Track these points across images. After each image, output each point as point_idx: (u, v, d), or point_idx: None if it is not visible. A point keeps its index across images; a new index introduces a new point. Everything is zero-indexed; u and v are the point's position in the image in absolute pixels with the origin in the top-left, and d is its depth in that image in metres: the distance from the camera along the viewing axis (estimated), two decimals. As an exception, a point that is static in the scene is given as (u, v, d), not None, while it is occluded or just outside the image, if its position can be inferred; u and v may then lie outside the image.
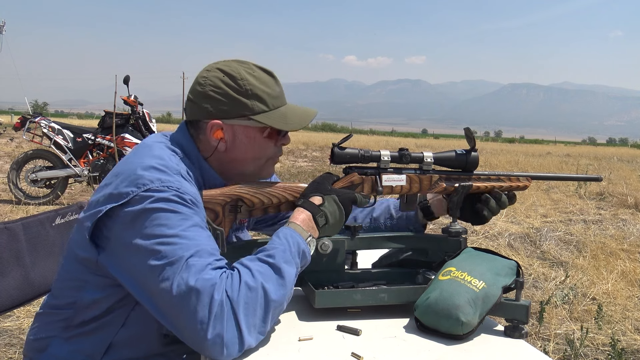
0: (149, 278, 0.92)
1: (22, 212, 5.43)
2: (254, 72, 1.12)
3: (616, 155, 22.79)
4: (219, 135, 1.10)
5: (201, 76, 1.12)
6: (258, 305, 0.90)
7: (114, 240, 0.98)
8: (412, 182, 1.20)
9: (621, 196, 7.91)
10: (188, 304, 0.88)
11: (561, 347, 2.76)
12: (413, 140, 34.84)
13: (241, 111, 1.09)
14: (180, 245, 0.92)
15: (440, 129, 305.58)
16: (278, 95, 1.14)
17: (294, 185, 1.16)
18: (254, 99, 1.10)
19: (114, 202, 0.96)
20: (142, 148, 1.08)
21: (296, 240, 1.01)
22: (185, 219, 0.95)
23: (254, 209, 1.13)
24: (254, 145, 1.13)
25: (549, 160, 16.15)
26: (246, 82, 1.09)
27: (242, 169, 1.15)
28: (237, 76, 1.09)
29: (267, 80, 1.13)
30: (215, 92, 1.09)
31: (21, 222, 1.29)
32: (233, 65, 1.11)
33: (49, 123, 6.16)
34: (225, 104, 1.09)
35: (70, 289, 1.05)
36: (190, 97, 1.12)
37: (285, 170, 10.87)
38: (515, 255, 4.58)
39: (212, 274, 0.90)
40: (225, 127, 1.10)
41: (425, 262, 1.25)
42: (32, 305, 2.86)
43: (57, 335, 1.05)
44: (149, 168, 0.99)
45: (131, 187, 0.96)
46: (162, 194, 0.95)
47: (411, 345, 0.96)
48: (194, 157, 1.11)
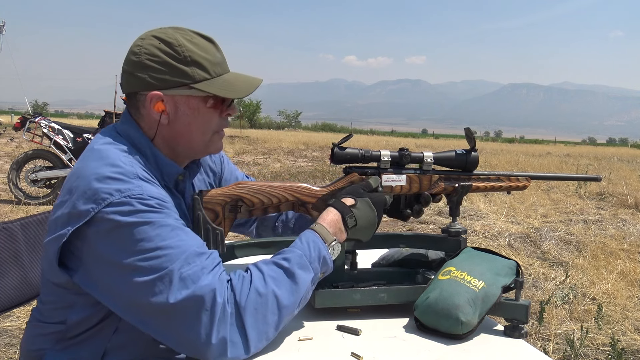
0: (138, 296, 0.88)
1: (22, 212, 5.43)
2: (192, 38, 1.04)
3: (616, 155, 22.79)
4: (160, 108, 1.02)
5: (135, 45, 1.03)
6: (269, 312, 0.90)
7: (87, 261, 0.93)
8: (412, 182, 1.20)
9: (621, 196, 7.91)
10: (188, 314, 0.86)
11: (561, 347, 2.76)
12: (413, 140, 34.85)
13: (181, 79, 1.01)
14: (164, 257, 0.87)
15: (440, 129, 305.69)
16: (219, 62, 1.06)
17: (294, 185, 1.16)
18: (194, 65, 1.02)
19: (75, 223, 0.89)
20: (90, 154, 0.98)
21: (317, 245, 0.99)
22: (159, 226, 0.89)
23: (254, 209, 1.13)
24: (197, 116, 1.05)
25: (549, 160, 16.14)
26: (185, 49, 1.01)
27: (188, 144, 1.08)
28: (174, 42, 1.01)
29: (207, 47, 1.05)
30: (151, 61, 1.01)
31: (19, 222, 1.29)
32: (169, 32, 1.03)
33: (49, 123, 6.16)
34: (163, 72, 1.01)
35: (58, 310, 1.01)
36: (125, 67, 1.04)
37: (285, 170, 10.86)
38: (515, 255, 4.58)
39: (209, 278, 0.88)
40: (166, 99, 1.02)
41: (425, 262, 1.25)
42: (32, 306, 2.86)
43: (51, 347, 1.02)
44: (104, 179, 0.91)
45: (90, 204, 0.88)
46: (126, 207, 0.88)
47: (411, 345, 0.96)
48: (145, 148, 1.04)
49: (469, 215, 6.13)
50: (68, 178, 0.97)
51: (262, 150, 15.74)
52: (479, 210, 6.36)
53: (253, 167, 11.14)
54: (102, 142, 1.01)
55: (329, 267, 1.02)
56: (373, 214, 1.09)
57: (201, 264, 0.89)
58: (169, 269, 0.87)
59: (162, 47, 1.01)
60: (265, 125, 45.83)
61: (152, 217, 0.89)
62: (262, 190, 1.13)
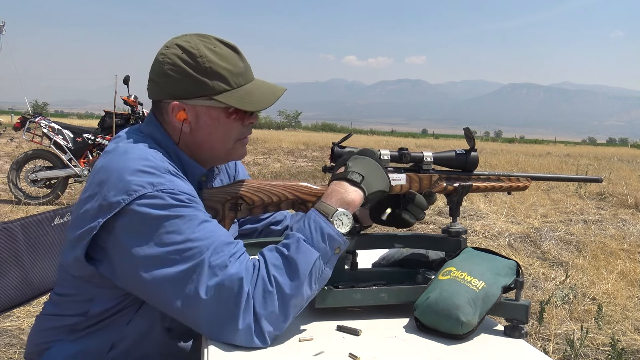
0: (171, 287, 0.90)
1: (22, 212, 5.42)
2: (215, 47, 1.04)
3: (616, 155, 22.78)
4: (182, 117, 1.04)
5: (160, 53, 1.04)
6: (275, 299, 0.91)
7: (112, 253, 0.94)
8: (412, 182, 1.20)
9: (621, 196, 7.90)
10: (217, 301, 0.89)
11: (561, 347, 2.76)
12: (413, 140, 34.84)
13: (201, 91, 1.03)
14: (195, 248, 0.90)
15: (440, 129, 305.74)
16: (242, 72, 1.06)
17: (295, 184, 1.16)
18: (215, 77, 1.02)
19: (106, 214, 0.91)
20: (117, 150, 1.00)
21: (319, 224, 0.96)
22: (190, 219, 0.92)
23: (254, 207, 1.13)
24: (218, 126, 1.06)
25: (549, 160, 16.14)
26: (206, 60, 1.02)
27: (210, 152, 1.10)
28: (196, 53, 1.02)
29: (230, 56, 1.05)
30: (173, 71, 1.02)
31: (20, 222, 1.29)
32: (193, 41, 1.04)
33: (49, 123, 6.16)
34: (184, 83, 1.02)
35: (79, 302, 1.03)
36: (151, 75, 1.06)
37: (286, 170, 10.87)
38: (515, 255, 4.58)
39: (236, 266, 0.90)
40: (188, 108, 1.04)
41: (426, 262, 1.25)
42: (32, 305, 2.86)
43: (63, 338, 1.04)
44: (136, 172, 0.93)
45: (122, 196, 0.90)
46: (158, 200, 0.91)
47: (411, 345, 0.96)
48: (171, 150, 1.06)
49: (469, 215, 6.13)
50: (95, 173, 0.99)
51: (262, 150, 15.73)
52: (479, 210, 6.35)
53: (253, 167, 11.14)
54: (128, 140, 1.04)
55: (341, 242, 0.98)
56: (368, 159, 1.07)
57: (229, 252, 0.92)
58: (200, 259, 0.89)
59: (184, 58, 1.02)
60: (265, 125, 45.82)
61: (183, 211, 0.92)
62: (262, 188, 1.13)
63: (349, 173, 1.03)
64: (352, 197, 1.01)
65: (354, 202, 1.01)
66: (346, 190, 1.01)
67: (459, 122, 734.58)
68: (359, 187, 1.02)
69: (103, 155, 1.02)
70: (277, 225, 1.44)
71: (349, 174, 1.03)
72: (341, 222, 0.98)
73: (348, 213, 0.99)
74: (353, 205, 1.01)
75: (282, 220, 1.45)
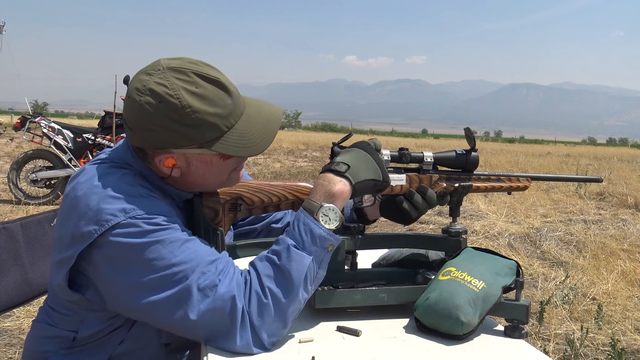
0: (160, 312, 0.89)
1: (22, 212, 5.42)
2: (197, 87, 0.91)
3: (616, 155, 22.78)
4: (171, 163, 0.95)
5: (134, 100, 0.90)
6: (272, 310, 0.91)
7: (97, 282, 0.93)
8: (412, 182, 1.19)
9: (621, 196, 7.90)
10: (213, 323, 0.89)
11: (561, 347, 2.76)
12: (413, 140, 34.84)
13: (190, 142, 0.93)
14: (180, 272, 0.88)
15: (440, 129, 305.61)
16: (231, 110, 0.95)
17: (294, 184, 1.15)
18: (204, 127, 0.92)
19: (79, 245, 0.88)
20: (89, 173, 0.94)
21: (308, 225, 0.93)
22: (170, 242, 0.88)
23: (253, 208, 1.13)
24: (211, 168, 0.99)
25: (549, 160, 16.14)
26: (191, 110, 0.89)
27: (204, 188, 1.05)
28: (178, 104, 0.89)
29: (215, 97, 0.92)
30: (156, 125, 0.90)
31: (19, 222, 1.29)
32: (170, 84, 0.89)
33: (49, 123, 6.16)
34: (170, 136, 0.92)
35: (70, 322, 1.01)
36: (128, 120, 0.94)
37: (285, 170, 10.86)
38: (515, 255, 4.58)
39: (226, 284, 0.89)
40: (177, 156, 0.95)
41: (425, 262, 1.25)
42: (32, 305, 2.86)
43: (55, 351, 1.02)
44: (105, 197, 0.88)
45: (93, 226, 0.86)
46: (132, 228, 0.86)
47: (411, 346, 0.96)
48: (150, 177, 0.98)
49: (469, 215, 6.13)
50: (65, 196, 0.95)
51: (262, 150, 15.69)
52: (479, 210, 6.35)
53: (253, 167, 11.14)
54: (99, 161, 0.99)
55: (332, 240, 0.95)
56: (356, 150, 1.03)
57: (216, 270, 0.90)
58: (187, 283, 0.88)
59: (165, 111, 0.89)
60: (265, 125, 45.57)
61: (161, 235, 0.88)
62: (261, 189, 1.12)
63: (334, 164, 0.99)
64: (338, 188, 0.96)
65: (342, 194, 0.96)
66: (330, 181, 0.97)
67: (459, 122, 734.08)
68: (344, 177, 0.97)
69: (72, 177, 0.98)
70: (277, 223, 1.42)
71: (333, 164, 0.99)
72: (328, 218, 0.94)
73: (334, 207, 0.95)
74: (341, 197, 0.96)
75: (283, 218, 1.42)
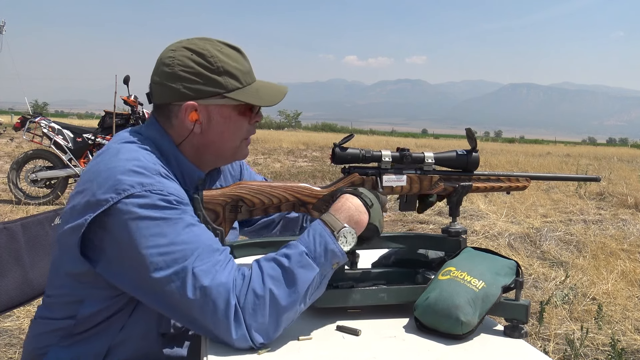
0: (158, 290, 0.90)
1: (22, 212, 5.42)
2: (221, 49, 1.07)
3: (616, 155, 22.77)
4: (194, 117, 1.05)
5: (167, 56, 1.05)
6: (267, 312, 0.90)
7: (109, 251, 0.95)
8: (412, 183, 1.20)
9: (621, 196, 7.90)
10: (206, 309, 0.89)
11: (561, 347, 2.76)
12: (413, 140, 34.83)
13: (216, 89, 1.05)
14: (178, 252, 0.90)
15: (440, 129, 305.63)
16: (248, 70, 1.10)
17: (295, 186, 1.15)
18: (227, 75, 1.05)
19: (93, 211, 0.91)
20: (113, 150, 1.01)
21: (324, 239, 0.96)
22: (175, 222, 0.92)
23: (254, 209, 1.13)
24: (229, 124, 1.09)
25: (549, 160, 16.14)
26: (217, 59, 1.04)
27: (218, 151, 1.11)
28: (207, 53, 1.04)
29: (236, 57, 1.08)
30: (186, 72, 1.03)
31: (20, 222, 1.29)
32: (199, 43, 1.06)
33: (49, 123, 6.16)
34: (197, 82, 1.04)
35: (68, 304, 1.02)
36: (157, 79, 1.06)
37: (285, 170, 10.87)
38: (515, 255, 4.58)
39: (225, 276, 0.90)
40: (200, 108, 1.05)
41: (425, 262, 1.25)
42: (32, 305, 2.86)
43: (56, 343, 1.03)
44: (126, 171, 0.93)
45: (110, 194, 0.91)
46: (145, 199, 0.91)
47: (411, 345, 0.96)
48: (169, 152, 1.06)
49: (469, 215, 6.13)
50: (87, 170, 1.00)
51: (262, 150, 15.73)
52: (479, 210, 6.35)
53: (253, 167, 11.14)
54: (123, 140, 1.04)
55: (341, 259, 0.98)
56: (376, 195, 1.08)
57: (214, 260, 0.91)
58: (183, 265, 0.89)
59: (195, 58, 1.04)
60: (265, 125, 45.80)
61: (169, 214, 0.92)
62: (262, 190, 1.12)
63: (362, 194, 1.04)
64: (361, 217, 1.02)
65: (361, 223, 1.02)
66: (357, 208, 1.02)
67: (459, 122, 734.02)
68: (368, 211, 1.03)
69: (96, 155, 1.03)
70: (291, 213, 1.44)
71: (362, 194, 1.04)
72: (345, 240, 0.98)
73: (354, 232, 0.99)
74: (359, 226, 1.02)
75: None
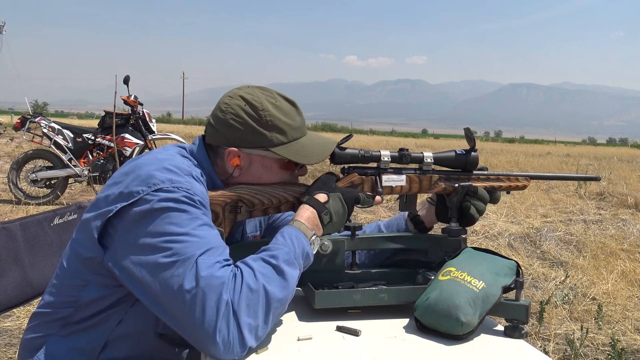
0: (158, 275, 0.91)
1: (22, 212, 5.42)
2: (276, 101, 1.12)
3: (616, 155, 22.78)
4: (236, 163, 1.12)
5: (223, 102, 1.13)
6: (260, 307, 0.90)
7: (117, 239, 0.97)
8: (411, 183, 1.20)
9: (621, 196, 7.90)
10: (197, 302, 0.88)
11: (561, 347, 2.76)
12: (413, 140, 34.84)
13: (260, 142, 1.11)
14: (190, 243, 0.92)
15: (440, 129, 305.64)
16: (299, 126, 1.14)
17: (294, 186, 1.16)
18: (274, 130, 1.10)
19: (124, 201, 0.96)
20: (156, 151, 1.09)
21: (301, 242, 1.01)
22: (194, 218, 0.95)
23: (254, 210, 1.13)
24: (269, 173, 1.15)
25: (549, 160, 16.14)
26: (267, 113, 1.10)
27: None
28: (259, 106, 1.10)
29: (289, 111, 1.13)
30: (235, 121, 1.10)
31: (19, 222, 1.29)
32: (256, 94, 1.12)
33: (49, 123, 6.16)
34: (244, 133, 1.10)
35: (72, 288, 1.05)
36: (211, 121, 1.13)
37: (285, 170, 10.86)
38: (515, 255, 4.58)
39: (222, 272, 0.91)
40: (243, 155, 1.12)
41: (425, 262, 1.25)
42: (32, 305, 2.86)
43: (55, 332, 1.05)
44: (161, 169, 0.99)
45: (142, 186, 0.96)
46: (172, 194, 0.95)
47: (411, 346, 0.96)
48: (206, 169, 1.12)
49: (469, 215, 6.12)
50: (125, 164, 1.06)
51: (262, 150, 15.70)
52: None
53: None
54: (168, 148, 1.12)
55: (310, 262, 1.04)
56: (344, 208, 1.11)
57: (218, 258, 0.93)
58: (191, 254, 0.91)
59: (247, 109, 1.10)
60: (265, 125, 45.62)
61: (190, 210, 0.96)
62: (262, 190, 1.13)
63: (325, 212, 1.08)
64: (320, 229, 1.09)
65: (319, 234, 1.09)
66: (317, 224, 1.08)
67: (459, 122, 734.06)
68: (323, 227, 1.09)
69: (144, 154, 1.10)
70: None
71: (324, 212, 1.08)
72: (314, 245, 1.05)
73: (318, 240, 1.07)
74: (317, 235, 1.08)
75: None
